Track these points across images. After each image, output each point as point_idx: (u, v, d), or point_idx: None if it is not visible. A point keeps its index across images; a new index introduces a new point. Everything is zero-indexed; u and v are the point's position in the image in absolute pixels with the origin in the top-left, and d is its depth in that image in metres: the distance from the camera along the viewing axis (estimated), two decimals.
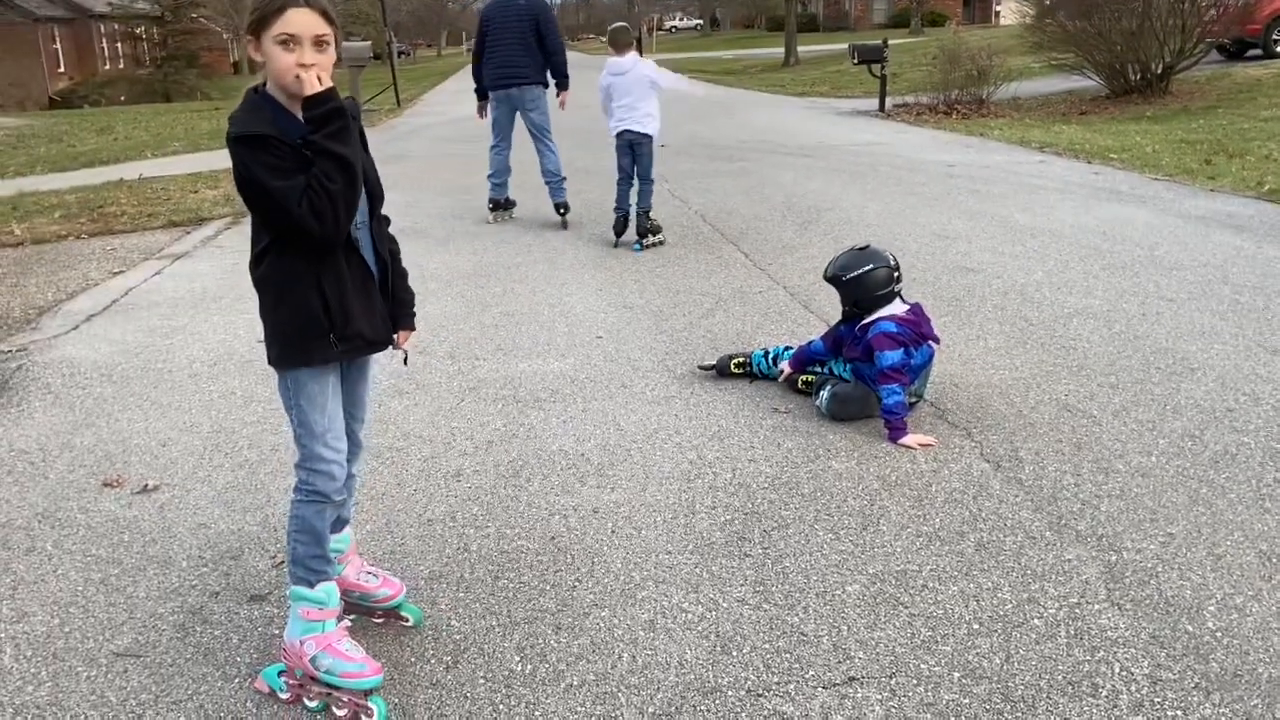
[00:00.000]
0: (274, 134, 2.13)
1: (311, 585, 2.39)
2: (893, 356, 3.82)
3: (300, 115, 2.17)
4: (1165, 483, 3.32)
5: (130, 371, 4.82)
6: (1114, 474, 3.40)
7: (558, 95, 8.04)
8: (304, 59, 2.13)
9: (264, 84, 2.23)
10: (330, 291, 2.23)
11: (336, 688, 2.35)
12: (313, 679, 2.37)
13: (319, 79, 2.14)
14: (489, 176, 8.29)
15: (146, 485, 3.57)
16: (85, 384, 4.66)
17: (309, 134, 2.13)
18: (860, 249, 4.05)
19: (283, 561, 2.99)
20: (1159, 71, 14.72)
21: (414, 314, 2.53)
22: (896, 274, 4.02)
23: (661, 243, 7.17)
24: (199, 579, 2.95)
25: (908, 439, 3.70)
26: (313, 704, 2.37)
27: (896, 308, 3.99)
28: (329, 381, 2.33)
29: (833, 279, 4.08)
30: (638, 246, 7.08)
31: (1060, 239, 6.79)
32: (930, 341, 4.00)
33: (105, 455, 3.86)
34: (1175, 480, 3.34)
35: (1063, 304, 5.31)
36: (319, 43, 2.15)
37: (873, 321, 3.95)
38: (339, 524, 2.62)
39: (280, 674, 2.42)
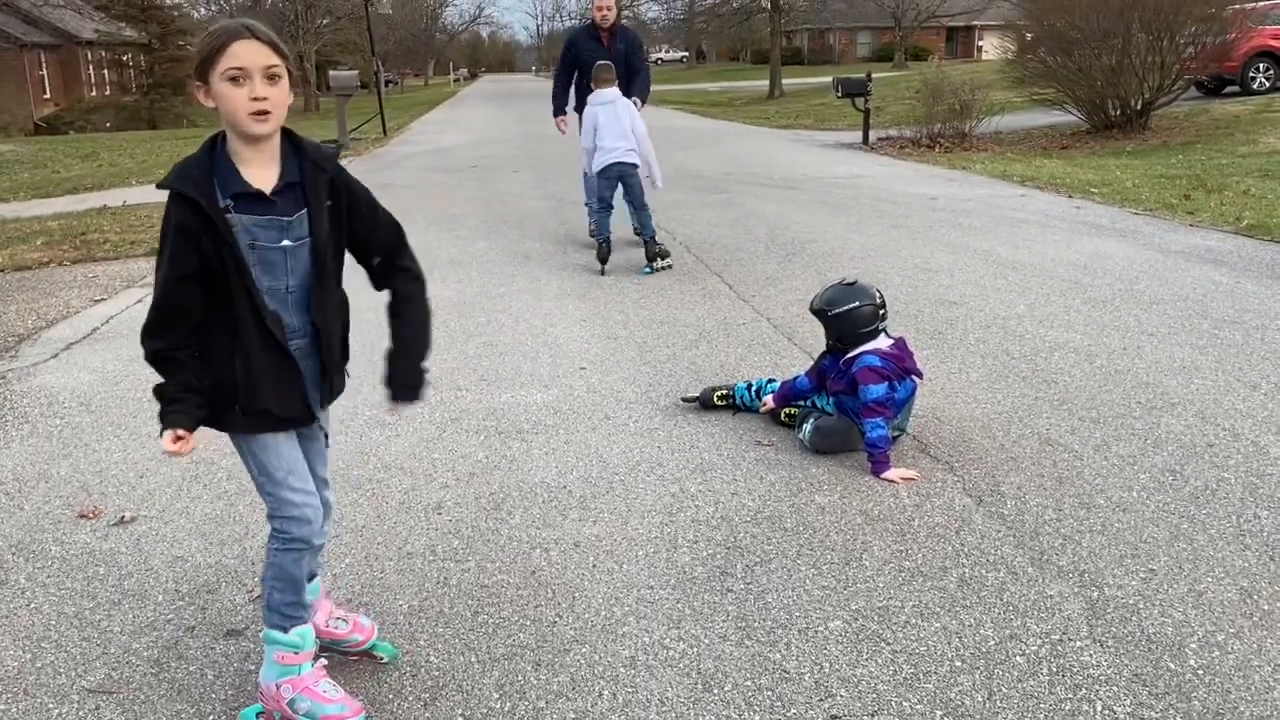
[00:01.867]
0: (194, 194, 2.08)
1: (286, 630, 2.36)
2: (877, 390, 3.82)
3: (246, 169, 2.11)
4: (1146, 518, 3.33)
5: (109, 400, 4.78)
6: (1095, 509, 3.40)
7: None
8: (255, 93, 2.05)
9: (223, 134, 2.16)
10: (239, 363, 2.16)
11: None
12: None
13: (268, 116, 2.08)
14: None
15: (123, 516, 3.53)
16: (63, 413, 4.62)
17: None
18: (848, 284, 4.06)
19: (259, 596, 2.96)
20: (1139, 107, 14.91)
21: (415, 387, 2.38)
22: (882, 310, 4.04)
23: (669, 266, 7.25)
24: (174, 613, 2.91)
25: (890, 473, 3.70)
26: None
27: (881, 342, 4.00)
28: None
29: (818, 313, 4.09)
30: (647, 269, 7.17)
31: (1042, 273, 6.84)
32: (913, 376, 4.01)
33: (82, 485, 3.82)
34: (1156, 516, 3.34)
35: (1044, 337, 5.34)
36: (270, 75, 2.07)
37: (857, 355, 3.96)
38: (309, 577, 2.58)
39: (259, 715, 2.39)
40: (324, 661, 2.48)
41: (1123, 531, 3.24)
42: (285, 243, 2.17)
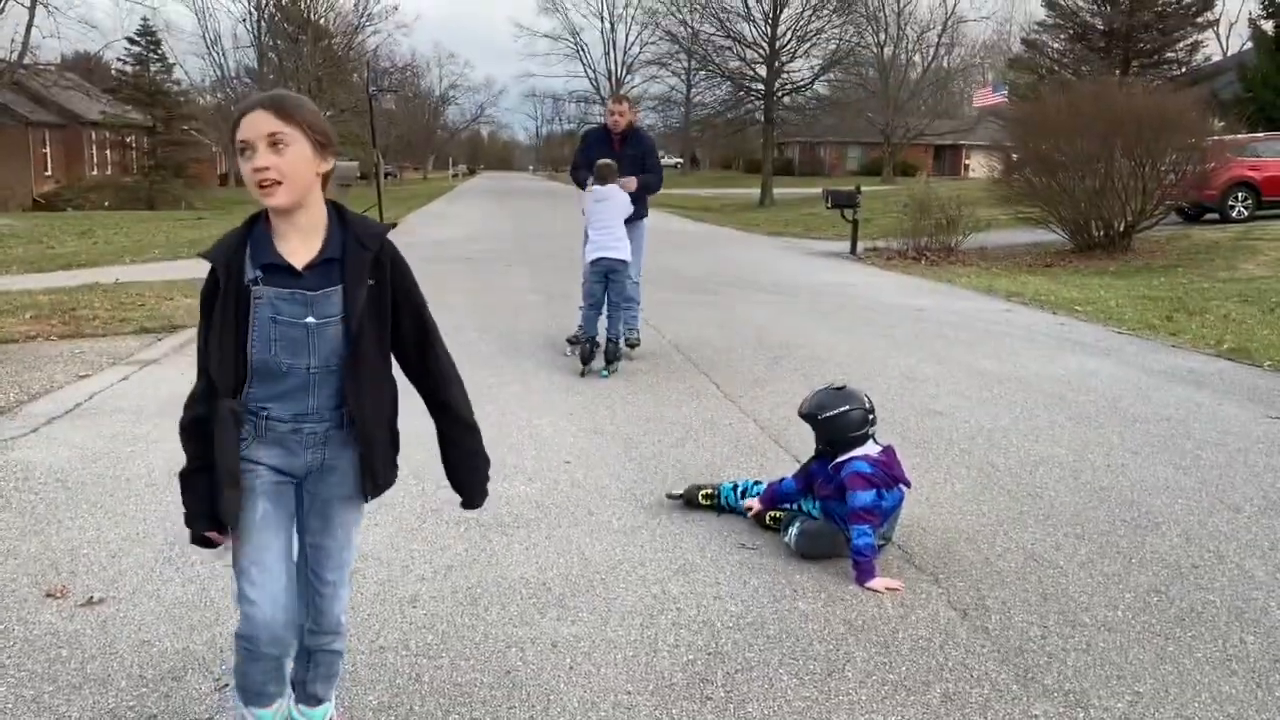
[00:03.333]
0: (215, 263, 2.08)
1: (244, 703, 2.30)
2: (865, 497, 3.80)
3: (282, 243, 2.10)
4: (1132, 638, 3.29)
5: (87, 478, 4.71)
6: (1080, 627, 3.36)
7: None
8: (255, 163, 2.02)
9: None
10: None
11: None
12: None
13: (277, 187, 2.03)
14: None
15: (91, 598, 3.44)
16: (39, 488, 4.54)
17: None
18: (837, 389, 4.08)
19: (226, 685, 2.87)
20: (1121, 229, 15.25)
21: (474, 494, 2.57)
22: (871, 415, 4.04)
23: (625, 360, 7.27)
24: (137, 699, 2.82)
25: (875, 582, 3.66)
26: None
27: (870, 449, 3.99)
28: (258, 508, 2.17)
29: (808, 416, 4.09)
30: (604, 372, 7.13)
31: (1026, 386, 6.89)
32: (901, 485, 4.00)
33: (51, 563, 3.73)
34: (1142, 636, 3.30)
35: (1029, 451, 5.35)
36: (274, 143, 2.03)
37: (846, 460, 3.95)
38: (309, 699, 2.46)
39: None
40: None
41: (1108, 651, 3.20)
42: (309, 319, 2.09)
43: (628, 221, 7.41)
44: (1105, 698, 2.92)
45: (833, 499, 3.97)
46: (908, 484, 4.04)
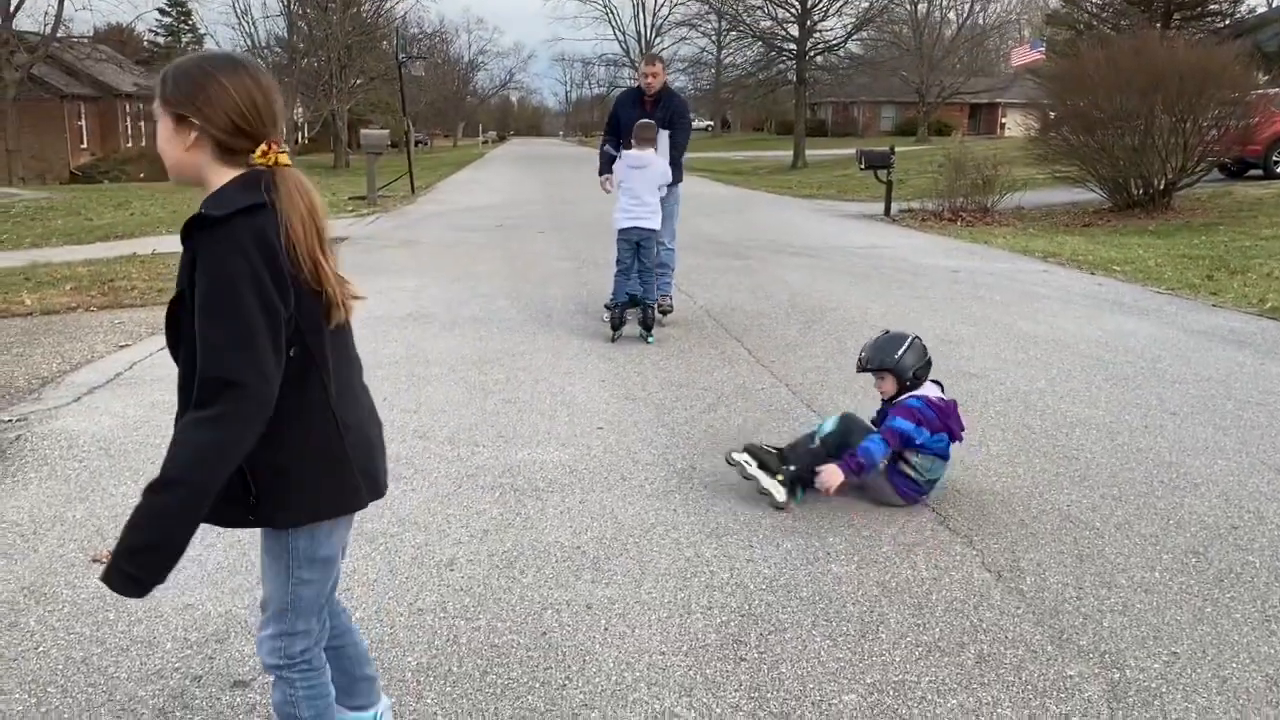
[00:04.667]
0: None
1: None
2: (901, 423, 4.01)
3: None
4: (1169, 600, 3.27)
5: (128, 445, 4.80)
6: (1116, 588, 3.35)
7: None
8: None
9: None
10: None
11: None
12: None
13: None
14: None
15: None
16: (82, 456, 4.64)
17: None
18: (886, 334, 4.29)
19: None
20: (1161, 187, 14.97)
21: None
22: (926, 353, 4.22)
23: (658, 325, 7.27)
24: (182, 661, 2.88)
25: (834, 479, 3.92)
26: None
27: (931, 390, 4.16)
28: (339, 527, 2.15)
29: (872, 362, 4.19)
30: (651, 339, 7.11)
31: (1063, 348, 6.82)
32: (950, 433, 4.10)
33: (97, 530, 3.82)
34: (1179, 597, 3.28)
35: (1065, 413, 5.31)
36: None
37: (906, 397, 4.14)
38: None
39: None
40: None
41: (1145, 613, 3.18)
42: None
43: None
44: (1141, 658, 2.91)
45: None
46: (957, 437, 4.15)
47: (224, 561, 3.53)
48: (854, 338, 6.83)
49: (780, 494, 4.01)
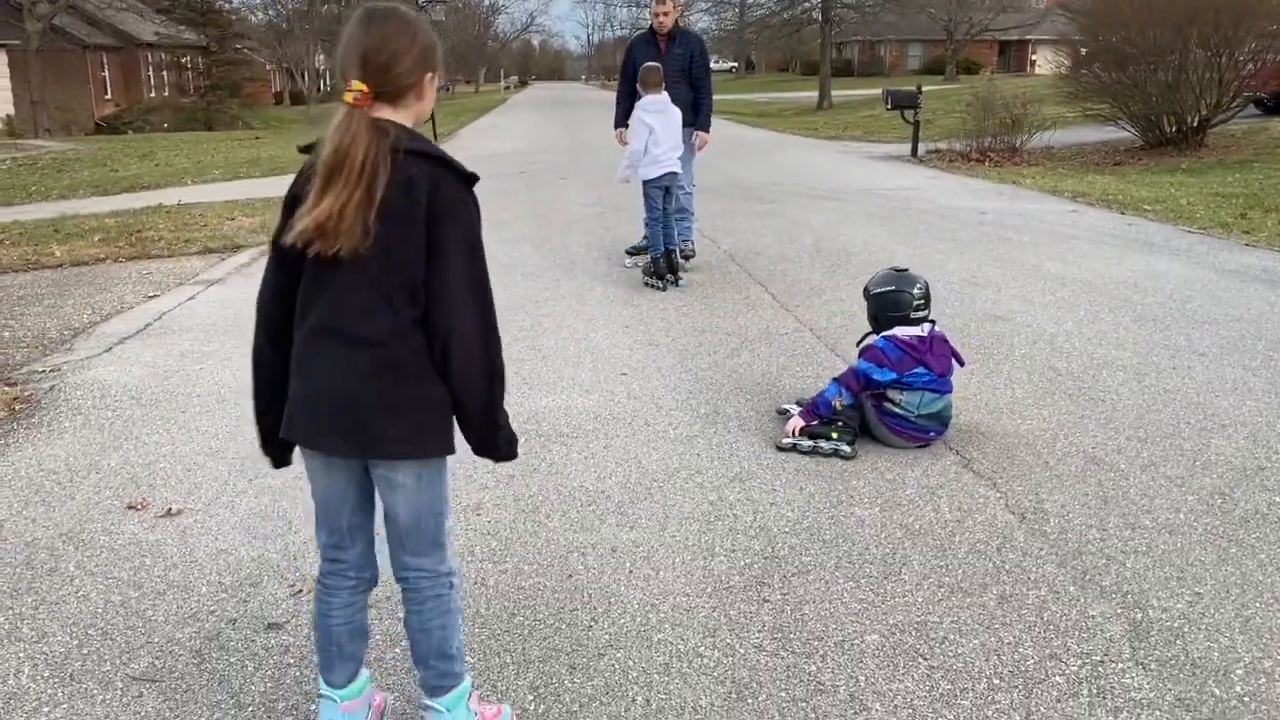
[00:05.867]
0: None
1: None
2: (863, 364, 4.14)
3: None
4: (1193, 540, 3.27)
5: (160, 395, 4.87)
6: (1141, 530, 3.35)
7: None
8: None
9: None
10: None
11: None
12: None
13: None
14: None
15: (170, 509, 3.59)
16: (115, 406, 4.71)
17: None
18: (898, 270, 4.33)
19: (301, 590, 3.00)
20: (1194, 124, 14.65)
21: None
22: (919, 301, 4.19)
23: (685, 271, 7.25)
24: (217, 605, 2.95)
25: (794, 424, 4.06)
26: None
27: (902, 331, 4.16)
28: (312, 466, 2.15)
29: (865, 290, 4.37)
30: (681, 283, 7.07)
31: (1091, 289, 6.75)
32: (936, 369, 4.09)
33: (131, 478, 3.89)
34: (1204, 538, 3.28)
35: (1092, 355, 5.27)
36: None
37: (874, 339, 4.24)
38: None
39: None
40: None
41: (1169, 553, 3.18)
42: None
43: (687, 126, 7.27)
44: (1164, 599, 2.92)
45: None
46: (945, 372, 4.15)
47: (255, 508, 3.60)
48: None
49: (847, 446, 4.02)
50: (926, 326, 4.18)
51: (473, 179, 2.04)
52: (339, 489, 2.14)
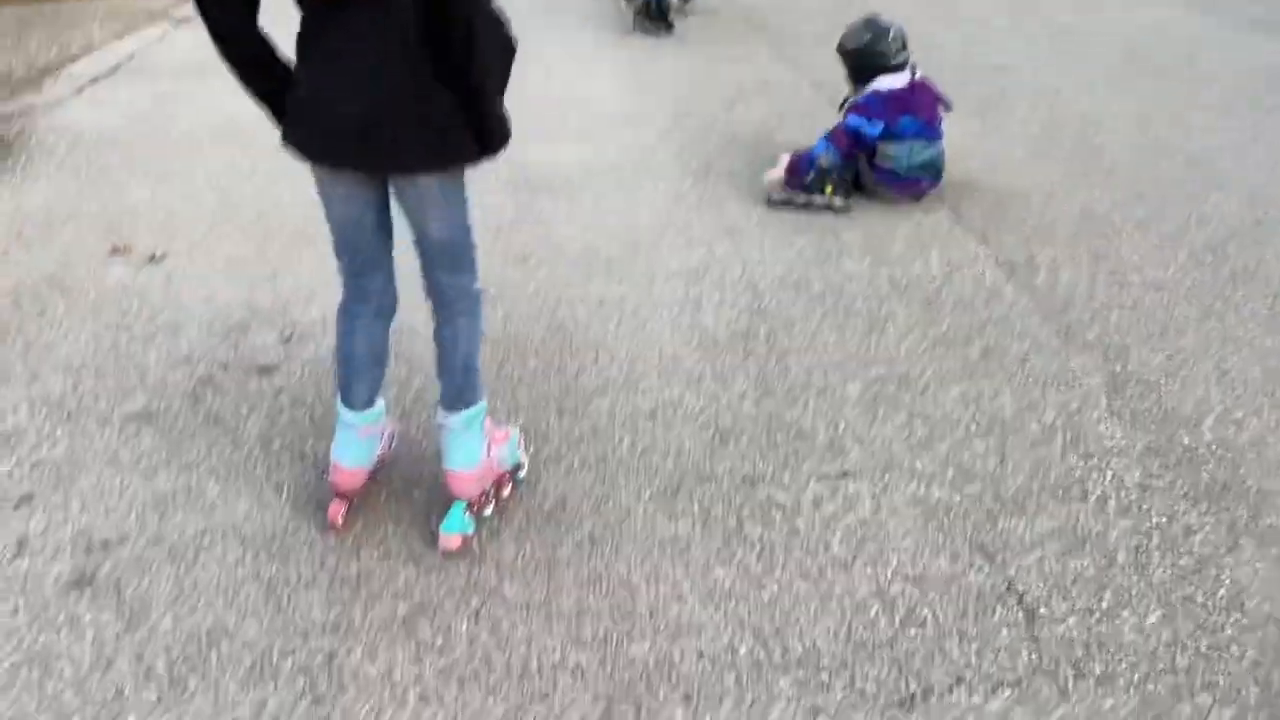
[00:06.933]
0: None
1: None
2: (852, 118, 4.00)
3: None
4: (1179, 296, 3.28)
5: (134, 138, 4.72)
6: (1129, 286, 3.36)
7: None
8: None
9: None
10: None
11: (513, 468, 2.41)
12: (498, 482, 2.36)
13: None
14: None
15: (154, 254, 3.55)
16: (89, 150, 4.57)
17: None
18: (869, 19, 4.16)
19: (291, 336, 3.02)
20: None
21: None
22: (897, 45, 4.05)
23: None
24: (208, 350, 2.97)
25: (775, 174, 4.00)
26: (488, 512, 2.34)
27: (884, 83, 4.01)
28: (330, 191, 2.12)
29: (840, 47, 4.22)
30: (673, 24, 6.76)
31: (1101, 39, 6.47)
32: (917, 116, 3.97)
33: (111, 223, 3.82)
34: (1190, 294, 3.30)
35: (1095, 109, 5.12)
36: None
37: (858, 96, 4.10)
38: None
39: (465, 511, 2.27)
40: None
41: (1154, 309, 3.21)
42: None
43: None
44: (1145, 352, 2.96)
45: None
46: (932, 117, 4.02)
47: (236, 254, 3.56)
48: None
49: (840, 200, 3.96)
50: (907, 75, 4.03)
51: None
52: (358, 210, 2.14)
